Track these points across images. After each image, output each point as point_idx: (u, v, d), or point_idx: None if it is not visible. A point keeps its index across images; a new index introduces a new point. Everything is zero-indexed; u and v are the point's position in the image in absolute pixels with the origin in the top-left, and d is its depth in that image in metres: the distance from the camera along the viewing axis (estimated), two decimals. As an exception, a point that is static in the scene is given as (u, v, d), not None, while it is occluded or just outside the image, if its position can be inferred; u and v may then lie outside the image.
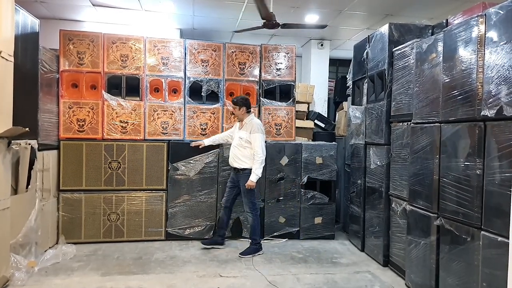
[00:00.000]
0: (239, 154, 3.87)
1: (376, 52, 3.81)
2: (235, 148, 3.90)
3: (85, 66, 4.08)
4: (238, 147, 3.88)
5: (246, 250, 3.83)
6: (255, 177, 3.76)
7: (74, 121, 4.05)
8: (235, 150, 3.90)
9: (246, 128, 3.87)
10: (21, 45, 3.09)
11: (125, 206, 4.14)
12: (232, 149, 3.94)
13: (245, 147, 3.85)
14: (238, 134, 3.92)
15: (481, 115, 2.27)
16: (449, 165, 2.59)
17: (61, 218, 3.98)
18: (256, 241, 3.89)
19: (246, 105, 3.90)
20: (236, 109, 3.90)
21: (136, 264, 3.48)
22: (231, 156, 3.94)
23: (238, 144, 3.88)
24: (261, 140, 3.80)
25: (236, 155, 3.89)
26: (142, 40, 4.23)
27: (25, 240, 3.14)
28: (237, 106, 3.88)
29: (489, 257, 2.21)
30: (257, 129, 3.81)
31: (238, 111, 3.90)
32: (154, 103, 4.25)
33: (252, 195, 3.88)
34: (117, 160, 4.11)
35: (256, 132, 3.79)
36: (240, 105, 3.87)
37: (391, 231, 3.52)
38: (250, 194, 3.86)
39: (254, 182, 3.77)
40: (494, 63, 2.20)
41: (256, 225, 3.90)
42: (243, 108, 3.88)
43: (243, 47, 4.48)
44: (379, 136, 3.68)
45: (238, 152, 3.87)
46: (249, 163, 3.82)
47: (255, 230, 3.90)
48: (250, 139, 3.81)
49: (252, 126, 3.84)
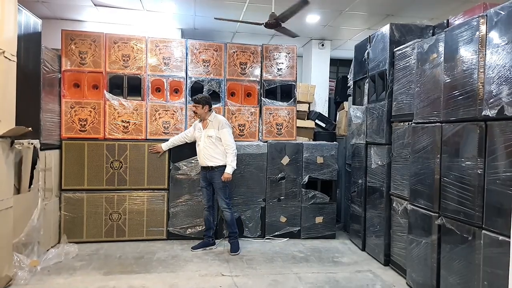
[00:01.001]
0: (212, 153, 3.87)
1: (377, 52, 3.82)
2: (206, 148, 3.88)
3: (87, 66, 4.09)
4: (210, 146, 3.87)
5: (233, 247, 3.91)
6: (231, 169, 3.85)
7: (76, 120, 4.06)
8: (206, 150, 3.88)
9: (212, 126, 3.89)
10: (24, 45, 3.11)
11: (126, 205, 4.15)
12: (202, 149, 3.91)
13: (216, 145, 3.87)
14: (205, 133, 3.90)
15: (482, 115, 2.28)
16: (450, 165, 2.60)
17: (63, 217, 3.99)
18: (237, 233, 4.01)
19: (209, 104, 3.92)
20: (199, 108, 3.88)
21: (138, 264, 3.49)
22: (203, 156, 3.90)
23: (208, 143, 3.88)
24: (230, 134, 3.92)
25: (209, 154, 3.87)
26: (143, 40, 4.24)
27: (28, 239, 3.16)
28: (200, 105, 3.87)
29: (490, 256, 2.22)
30: (224, 124, 3.90)
31: (201, 109, 3.88)
32: (155, 103, 4.26)
33: (227, 190, 3.97)
34: (119, 160, 4.13)
35: (224, 127, 3.88)
36: (203, 103, 3.88)
37: (392, 230, 3.54)
38: (225, 190, 3.93)
39: (231, 174, 3.85)
40: (495, 64, 2.21)
41: (233, 219, 4.02)
42: (206, 107, 3.88)
43: (245, 47, 4.50)
44: (380, 136, 3.69)
45: (211, 151, 3.87)
46: (223, 160, 3.88)
47: (234, 224, 4.00)
48: (220, 135, 3.86)
49: (219, 122, 3.89)
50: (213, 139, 3.86)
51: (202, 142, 3.92)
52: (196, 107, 3.90)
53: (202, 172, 4.00)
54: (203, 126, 3.95)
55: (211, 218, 4.06)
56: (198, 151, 3.97)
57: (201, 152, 3.93)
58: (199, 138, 3.95)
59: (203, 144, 3.91)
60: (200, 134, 3.95)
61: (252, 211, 4.40)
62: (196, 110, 3.92)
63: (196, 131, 4.02)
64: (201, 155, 3.94)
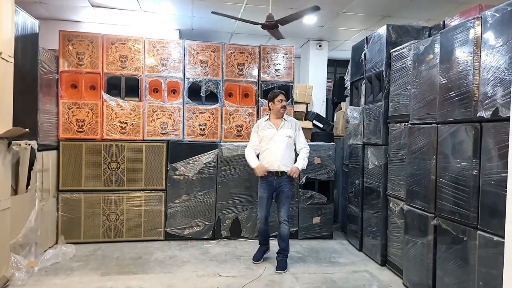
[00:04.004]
0: (288, 156, 3.44)
1: (374, 53, 3.83)
2: (285, 150, 3.42)
3: (84, 66, 4.09)
4: (287, 148, 3.44)
5: (283, 265, 3.45)
6: (302, 165, 3.50)
7: (74, 121, 4.06)
8: (285, 152, 3.41)
9: (289, 126, 3.53)
10: (21, 46, 3.11)
11: (124, 206, 4.15)
12: (276, 151, 3.40)
13: (292, 147, 3.51)
14: (283, 132, 3.46)
15: (477, 116, 2.30)
16: (446, 166, 2.62)
17: (60, 218, 3.99)
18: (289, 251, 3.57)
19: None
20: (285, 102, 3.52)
21: (136, 264, 3.50)
22: (277, 160, 3.39)
23: (286, 144, 3.43)
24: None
25: (285, 158, 3.41)
26: (141, 41, 4.24)
27: (25, 240, 3.16)
28: (286, 100, 3.53)
29: (485, 256, 2.24)
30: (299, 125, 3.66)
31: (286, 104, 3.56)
32: (153, 104, 4.27)
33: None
34: (116, 161, 4.13)
35: (301, 129, 3.64)
36: (288, 98, 3.61)
37: (389, 230, 3.55)
38: (290, 200, 3.54)
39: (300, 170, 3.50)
40: (490, 65, 2.23)
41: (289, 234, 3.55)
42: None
43: (242, 48, 4.51)
44: (377, 137, 3.71)
45: (286, 154, 3.43)
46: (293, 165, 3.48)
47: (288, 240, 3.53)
48: (298, 136, 3.57)
49: (296, 122, 3.61)
50: (291, 140, 3.49)
51: (277, 143, 3.42)
52: (285, 101, 3.53)
53: (267, 179, 3.44)
54: (276, 125, 3.51)
55: (268, 229, 3.67)
56: (268, 154, 3.43)
57: (274, 155, 3.40)
58: (270, 138, 3.45)
59: (279, 145, 3.42)
60: (272, 133, 3.46)
61: (250, 211, 4.41)
62: (285, 105, 3.53)
63: (264, 130, 3.51)
64: (273, 158, 3.40)
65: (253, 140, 3.60)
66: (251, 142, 3.62)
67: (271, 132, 3.50)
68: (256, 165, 3.47)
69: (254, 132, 3.63)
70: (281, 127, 3.51)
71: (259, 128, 3.57)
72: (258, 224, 3.66)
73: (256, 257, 3.67)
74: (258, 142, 3.55)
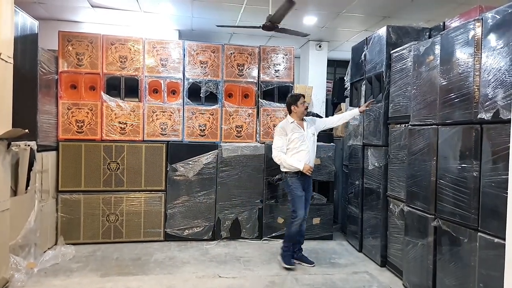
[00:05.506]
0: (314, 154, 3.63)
1: (374, 54, 3.83)
2: (314, 149, 3.60)
3: (84, 67, 4.09)
4: (315, 147, 3.63)
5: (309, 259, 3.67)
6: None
7: (73, 122, 4.06)
8: (313, 151, 3.59)
9: (311, 124, 3.65)
10: (21, 47, 3.10)
11: (124, 207, 4.14)
12: (310, 151, 3.52)
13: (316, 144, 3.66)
14: (310, 132, 3.57)
15: (478, 118, 2.30)
16: (446, 167, 2.61)
17: (60, 219, 3.98)
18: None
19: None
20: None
21: (135, 265, 3.49)
22: (312, 159, 3.54)
23: (313, 142, 3.58)
24: None
25: (314, 156, 3.61)
26: (141, 42, 4.23)
27: (25, 241, 3.15)
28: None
29: (485, 258, 2.24)
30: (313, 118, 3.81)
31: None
32: (153, 104, 4.26)
33: None
34: (116, 161, 4.12)
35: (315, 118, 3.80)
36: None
37: (389, 232, 3.55)
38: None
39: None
40: (491, 67, 2.22)
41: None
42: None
43: (242, 48, 4.50)
44: (377, 138, 3.71)
45: (315, 152, 3.63)
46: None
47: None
48: (319, 123, 3.75)
49: (309, 118, 3.74)
50: (315, 137, 3.64)
51: (309, 143, 3.53)
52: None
53: (300, 178, 3.50)
54: (301, 126, 3.58)
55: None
56: (303, 155, 3.48)
57: (309, 154, 3.51)
58: (301, 139, 3.50)
59: (311, 145, 3.55)
60: (302, 134, 3.52)
61: (250, 212, 4.41)
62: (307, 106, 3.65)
63: (293, 132, 3.51)
64: (308, 157, 3.50)
65: (281, 143, 3.52)
66: (279, 146, 3.52)
67: (301, 133, 3.52)
68: (302, 164, 3.43)
69: (280, 135, 3.53)
70: (306, 128, 3.59)
71: (287, 131, 3.51)
72: (295, 225, 3.47)
73: (291, 262, 3.54)
74: (286, 145, 3.52)
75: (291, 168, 3.48)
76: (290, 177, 3.52)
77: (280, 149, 3.53)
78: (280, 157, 3.52)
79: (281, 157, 3.51)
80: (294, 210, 3.51)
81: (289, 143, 3.51)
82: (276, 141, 3.56)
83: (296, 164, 3.45)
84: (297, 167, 3.44)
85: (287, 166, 3.50)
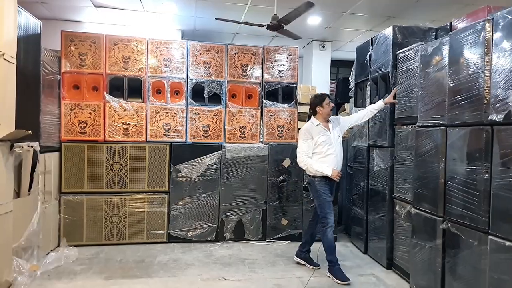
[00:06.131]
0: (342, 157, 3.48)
1: (379, 54, 3.80)
2: (340, 152, 3.44)
3: (86, 67, 4.05)
4: (341, 149, 3.48)
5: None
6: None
7: (76, 123, 4.02)
8: (341, 154, 3.45)
9: (335, 124, 3.49)
10: (24, 47, 3.07)
11: (127, 208, 4.11)
12: (339, 153, 3.40)
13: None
14: (336, 134, 3.43)
15: (489, 119, 2.27)
16: (455, 169, 2.58)
17: (62, 220, 3.94)
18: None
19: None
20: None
21: (139, 267, 3.46)
22: (340, 162, 3.41)
23: (340, 144, 3.45)
24: None
25: (341, 160, 3.44)
26: (144, 42, 4.20)
27: (28, 243, 3.12)
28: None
29: (497, 261, 2.20)
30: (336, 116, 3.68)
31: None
32: (156, 105, 4.23)
33: None
34: (119, 162, 4.09)
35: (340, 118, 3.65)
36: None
37: (395, 233, 3.52)
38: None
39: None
40: (502, 68, 2.19)
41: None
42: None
43: (246, 48, 4.47)
44: (383, 139, 3.67)
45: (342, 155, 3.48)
46: None
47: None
48: (344, 123, 3.59)
49: (334, 118, 3.56)
50: (341, 139, 3.49)
51: (337, 145, 3.39)
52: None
53: (328, 183, 3.36)
54: (327, 127, 3.44)
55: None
56: (332, 158, 3.33)
57: (337, 158, 3.37)
58: (328, 142, 3.34)
59: (338, 148, 3.41)
60: (328, 137, 3.37)
61: (253, 213, 4.38)
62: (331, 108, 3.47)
63: (318, 136, 3.35)
64: (336, 161, 3.36)
65: (307, 147, 3.37)
66: (305, 150, 3.37)
67: (328, 136, 3.37)
68: (330, 170, 3.28)
69: (306, 139, 3.37)
70: (332, 129, 3.44)
71: (313, 134, 3.36)
72: (329, 232, 3.29)
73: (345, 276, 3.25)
74: (312, 149, 3.37)
75: (317, 173, 3.34)
76: (318, 182, 3.35)
77: (305, 154, 3.37)
78: (306, 162, 3.35)
79: (307, 162, 3.34)
80: (323, 216, 3.33)
81: (315, 147, 3.35)
82: (301, 145, 3.40)
83: (323, 169, 3.28)
84: (325, 173, 3.29)
85: (313, 171, 3.34)
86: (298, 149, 3.45)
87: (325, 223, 3.32)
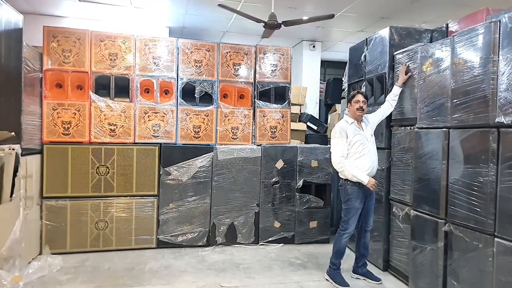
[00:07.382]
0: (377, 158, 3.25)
1: (375, 55, 3.77)
2: (375, 152, 3.23)
3: (70, 65, 3.84)
4: (375, 149, 3.25)
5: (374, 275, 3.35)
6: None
7: (59, 123, 3.80)
8: (376, 155, 3.23)
9: (366, 123, 3.27)
10: (5, 43, 2.85)
11: (113, 213, 3.92)
12: (373, 155, 3.19)
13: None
14: (369, 133, 3.22)
15: (496, 121, 2.25)
16: (459, 171, 2.56)
17: (44, 227, 3.71)
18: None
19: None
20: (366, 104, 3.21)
21: (130, 276, 3.29)
22: (375, 164, 3.21)
23: (373, 143, 3.22)
24: None
25: (376, 162, 3.23)
26: (132, 39, 4.02)
27: (9, 253, 2.90)
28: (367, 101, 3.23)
29: (503, 264, 2.19)
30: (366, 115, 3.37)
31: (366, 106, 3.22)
32: (144, 105, 4.05)
33: None
34: (106, 165, 3.89)
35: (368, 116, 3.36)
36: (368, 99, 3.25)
37: (392, 235, 3.49)
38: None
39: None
40: (510, 70, 2.17)
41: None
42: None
43: (238, 47, 4.35)
44: (379, 140, 3.63)
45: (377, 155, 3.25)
46: None
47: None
48: (373, 120, 3.33)
49: (366, 117, 3.31)
50: (373, 138, 3.25)
51: (371, 146, 3.17)
52: (365, 103, 3.19)
53: (361, 189, 3.13)
54: (360, 126, 3.21)
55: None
56: (367, 160, 3.13)
57: (372, 159, 3.15)
58: (363, 142, 3.12)
59: (373, 148, 3.20)
60: (363, 136, 3.15)
61: (246, 216, 4.27)
62: (364, 107, 3.18)
63: (353, 136, 3.12)
64: (371, 163, 3.15)
65: (343, 148, 3.11)
66: (343, 152, 3.11)
67: (362, 135, 3.15)
68: (367, 179, 3.06)
69: (341, 138, 3.12)
70: (365, 128, 3.22)
71: (348, 132, 3.12)
72: (344, 238, 3.18)
73: (344, 281, 3.20)
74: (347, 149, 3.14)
75: (353, 178, 3.12)
76: (350, 186, 3.13)
77: (341, 154, 3.10)
78: (342, 164, 3.09)
79: (343, 165, 3.08)
80: (346, 221, 3.17)
81: (349, 147, 3.11)
82: (336, 145, 3.13)
83: (360, 176, 3.05)
84: (361, 180, 3.06)
85: (350, 176, 3.11)
86: (332, 148, 3.18)
87: (345, 227, 3.19)
